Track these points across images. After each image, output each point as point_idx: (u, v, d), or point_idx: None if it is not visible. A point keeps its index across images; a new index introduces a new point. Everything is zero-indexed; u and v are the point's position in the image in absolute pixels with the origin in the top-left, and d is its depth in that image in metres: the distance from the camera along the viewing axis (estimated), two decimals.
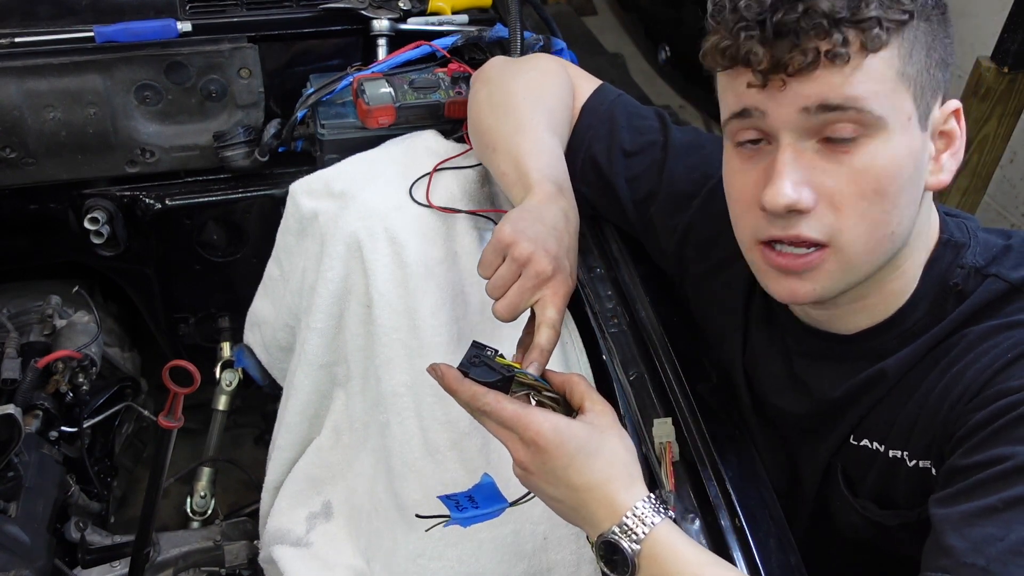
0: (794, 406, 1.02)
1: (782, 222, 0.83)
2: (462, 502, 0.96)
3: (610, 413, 0.92)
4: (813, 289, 0.86)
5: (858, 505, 0.98)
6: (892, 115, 0.80)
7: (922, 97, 0.82)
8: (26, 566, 1.25)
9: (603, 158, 1.18)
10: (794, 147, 0.82)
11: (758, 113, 0.83)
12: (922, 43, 0.81)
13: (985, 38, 2.10)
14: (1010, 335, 0.85)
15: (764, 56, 0.79)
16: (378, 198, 1.30)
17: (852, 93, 0.78)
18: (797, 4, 0.77)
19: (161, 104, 1.56)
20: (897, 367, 0.91)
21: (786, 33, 0.77)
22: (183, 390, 1.19)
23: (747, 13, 0.79)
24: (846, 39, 0.77)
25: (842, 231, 0.82)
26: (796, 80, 0.79)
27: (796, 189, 0.81)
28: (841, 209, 0.82)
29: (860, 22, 0.77)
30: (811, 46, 0.77)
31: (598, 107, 1.20)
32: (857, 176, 0.81)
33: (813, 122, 0.80)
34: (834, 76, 0.78)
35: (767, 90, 0.80)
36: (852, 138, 0.80)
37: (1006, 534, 0.73)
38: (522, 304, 0.99)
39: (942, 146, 0.87)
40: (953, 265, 0.90)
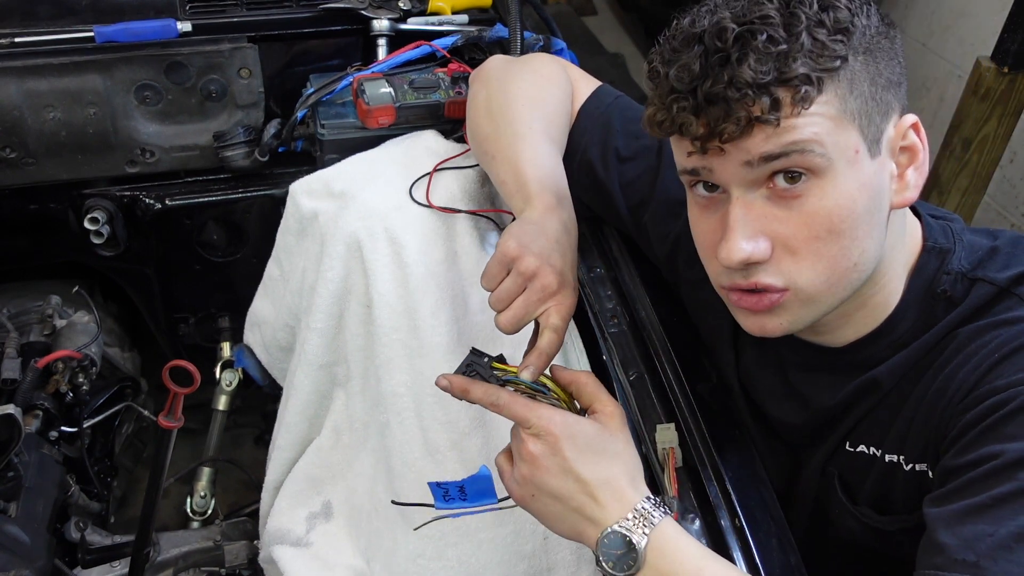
0: (790, 416, 1.02)
1: (741, 272, 0.85)
2: (452, 492, 0.96)
3: (620, 416, 0.92)
4: (780, 324, 0.88)
5: (857, 512, 0.98)
6: (837, 153, 0.80)
7: (870, 125, 0.82)
8: (26, 566, 1.25)
9: (598, 163, 1.17)
10: (744, 200, 0.83)
11: (705, 171, 0.84)
12: (863, 76, 0.81)
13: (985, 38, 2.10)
14: (998, 334, 0.85)
15: (698, 126, 0.80)
16: (378, 198, 1.30)
17: (789, 140, 0.79)
18: (723, 73, 0.77)
19: (161, 104, 1.56)
20: (890, 374, 0.92)
21: (716, 102, 0.78)
22: (183, 390, 1.19)
23: (677, 84, 0.80)
24: (776, 100, 0.77)
25: (800, 272, 0.84)
26: (731, 145, 0.80)
27: (750, 242, 0.82)
28: (797, 252, 0.83)
29: (788, 81, 0.77)
30: (741, 114, 0.78)
31: (595, 110, 1.20)
32: (809, 219, 0.82)
33: (759, 172, 0.81)
34: (770, 130, 0.79)
35: (707, 154, 0.82)
36: (799, 182, 0.81)
37: (996, 530, 0.73)
38: (527, 317, 0.99)
39: (905, 161, 0.87)
40: (939, 272, 0.90)
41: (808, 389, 0.99)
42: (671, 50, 0.82)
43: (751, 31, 0.77)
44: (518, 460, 0.91)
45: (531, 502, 0.91)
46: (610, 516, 0.85)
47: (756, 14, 0.78)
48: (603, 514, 0.86)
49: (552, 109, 1.18)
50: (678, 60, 0.80)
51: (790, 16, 0.78)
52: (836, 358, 0.96)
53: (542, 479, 0.88)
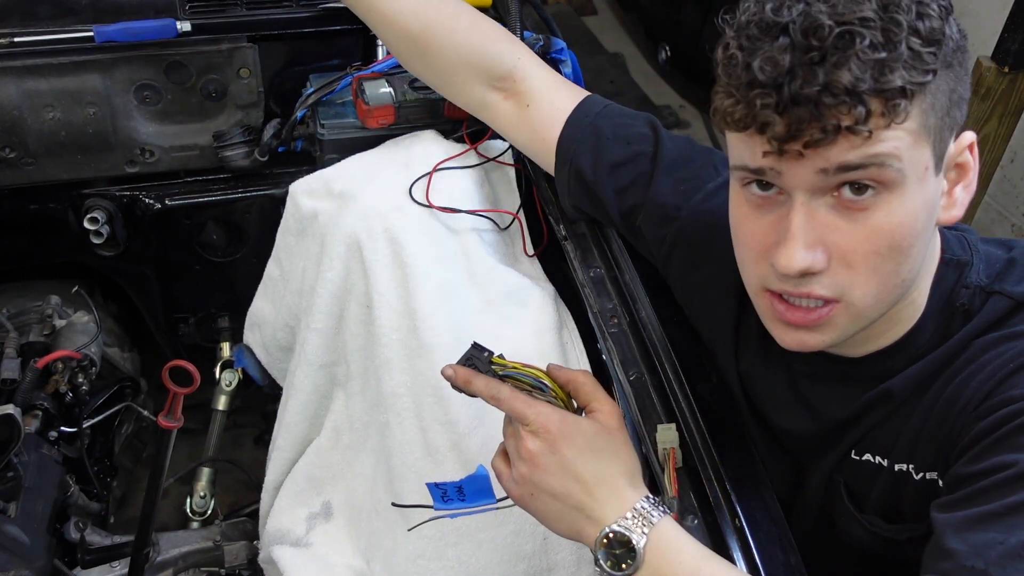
0: (796, 425, 1.01)
1: (794, 281, 0.81)
2: (450, 492, 0.96)
3: (618, 415, 0.92)
4: (822, 340, 0.85)
5: (864, 520, 0.97)
6: (911, 169, 0.77)
7: (940, 143, 0.79)
8: (26, 566, 1.24)
9: (588, 171, 1.16)
10: (808, 206, 0.79)
11: (773, 172, 0.79)
12: (944, 92, 0.77)
13: (985, 38, 2.10)
14: (1013, 345, 0.84)
15: (781, 126, 0.75)
16: (378, 198, 1.30)
17: (872, 152, 0.75)
18: (818, 72, 0.72)
19: (161, 104, 1.56)
20: (904, 386, 0.91)
21: (805, 103, 0.73)
22: (183, 390, 1.19)
23: (762, 76, 0.74)
24: (869, 111, 0.73)
25: (853, 287, 0.81)
26: (813, 149, 0.75)
27: (809, 252, 0.79)
28: (854, 266, 0.80)
29: (883, 92, 0.73)
30: (832, 121, 0.73)
31: (583, 120, 1.18)
32: (872, 235, 0.78)
33: (831, 181, 0.77)
34: (857, 140, 0.75)
35: (783, 157, 0.77)
36: (866, 194, 0.77)
37: (1006, 538, 0.73)
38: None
39: (955, 177, 0.84)
40: (958, 285, 0.89)
41: (818, 399, 0.98)
42: (748, 37, 0.76)
43: (851, 32, 0.72)
44: (516, 459, 0.90)
45: (530, 501, 0.90)
46: (609, 515, 0.85)
47: (856, 14, 0.72)
48: (602, 513, 0.85)
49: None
50: (761, 50, 0.74)
51: (890, 21, 0.73)
52: (851, 369, 0.94)
53: (541, 478, 0.88)
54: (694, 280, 1.10)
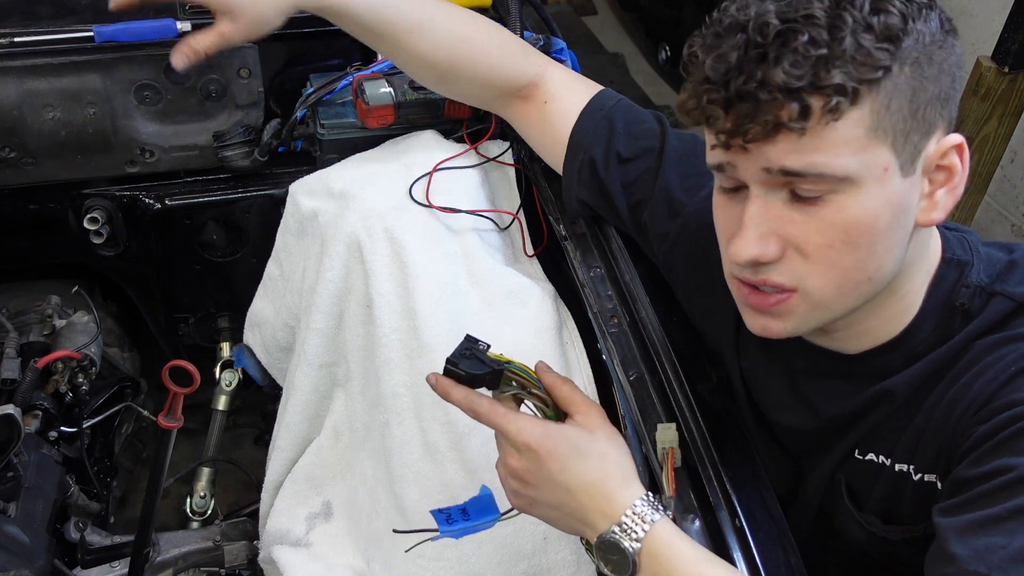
0: (797, 423, 1.01)
1: (750, 269, 0.84)
2: (454, 515, 0.96)
3: (597, 413, 0.92)
4: (784, 327, 0.87)
5: (863, 520, 0.97)
6: (862, 171, 0.78)
7: (906, 143, 0.79)
8: (26, 566, 1.24)
9: (600, 162, 1.17)
10: (763, 199, 0.81)
11: (729, 167, 0.83)
12: (905, 91, 0.77)
13: (985, 38, 2.10)
14: (1014, 347, 0.84)
15: (725, 120, 0.78)
16: (378, 198, 1.30)
17: (812, 160, 0.77)
18: (757, 71, 0.74)
19: (161, 104, 1.56)
20: (904, 386, 0.91)
21: (746, 99, 0.75)
22: (183, 390, 1.19)
23: (712, 73, 0.77)
24: (807, 108, 0.74)
25: (809, 277, 0.82)
26: (756, 145, 0.78)
27: (761, 243, 0.81)
28: (809, 257, 0.82)
29: (821, 89, 0.74)
30: (768, 117, 0.75)
31: (598, 111, 1.20)
32: (825, 228, 0.80)
33: (778, 179, 0.80)
34: (794, 142, 0.76)
35: (730, 151, 0.80)
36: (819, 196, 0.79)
37: (1009, 542, 0.73)
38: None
39: (941, 179, 0.83)
40: (958, 285, 0.89)
41: (817, 396, 0.98)
42: (713, 35, 0.79)
43: (793, 30, 0.74)
44: (506, 476, 0.91)
45: (530, 511, 0.92)
46: (601, 522, 0.85)
47: (801, 12, 0.74)
48: (595, 519, 0.85)
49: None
50: (717, 48, 0.77)
51: (836, 17, 0.74)
52: (849, 366, 0.95)
53: (532, 492, 0.89)
54: (697, 278, 1.10)
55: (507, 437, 0.89)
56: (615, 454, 0.89)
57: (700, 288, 1.10)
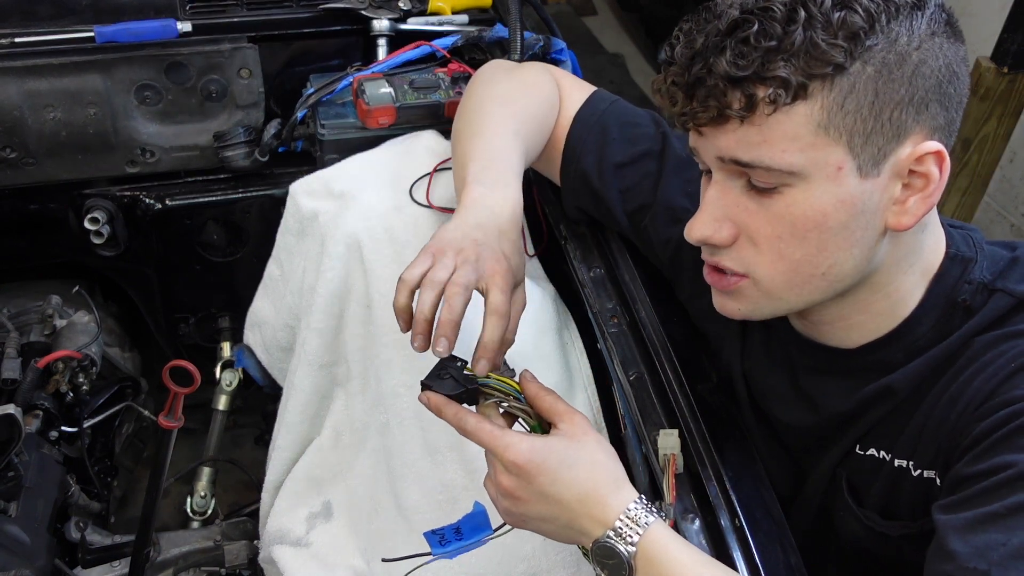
0: (799, 420, 1.02)
1: (707, 249, 0.88)
2: (447, 535, 0.96)
3: (582, 421, 0.91)
4: (739, 309, 0.91)
5: (862, 515, 0.98)
6: (810, 168, 0.79)
7: (865, 144, 0.78)
8: (26, 566, 1.25)
9: (593, 171, 1.16)
10: (722, 184, 0.85)
11: (695, 151, 0.87)
12: (865, 91, 0.77)
13: (985, 38, 2.10)
14: (1014, 344, 0.85)
15: (683, 103, 0.81)
16: (378, 198, 1.30)
17: (759, 154, 0.79)
18: (710, 59, 0.78)
19: (161, 104, 1.56)
20: (905, 381, 0.91)
21: (699, 85, 0.79)
22: (183, 390, 1.19)
23: (679, 58, 0.81)
24: (752, 97, 0.77)
25: (758, 266, 0.86)
26: (708, 131, 0.81)
27: (713, 225, 0.85)
28: (759, 245, 0.85)
29: (765, 80, 0.76)
30: (712, 103, 0.78)
31: (590, 117, 1.18)
32: (774, 219, 0.83)
33: (733, 168, 0.82)
34: (742, 132, 0.79)
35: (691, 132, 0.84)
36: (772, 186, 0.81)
37: (1008, 539, 0.73)
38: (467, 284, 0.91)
39: (920, 185, 0.82)
40: (961, 281, 0.90)
41: (819, 393, 0.99)
42: (703, 19, 0.81)
43: (746, 20, 0.77)
44: (497, 496, 0.90)
45: (524, 526, 0.91)
46: (595, 529, 0.85)
47: (761, 3, 0.77)
48: (590, 527, 0.85)
49: (522, 108, 1.16)
50: (693, 32, 0.81)
51: (793, 11, 0.75)
52: (848, 361, 0.95)
53: (524, 509, 0.88)
54: (700, 283, 1.10)
55: (495, 455, 0.88)
56: (604, 460, 0.88)
57: (705, 289, 1.10)
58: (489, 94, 1.19)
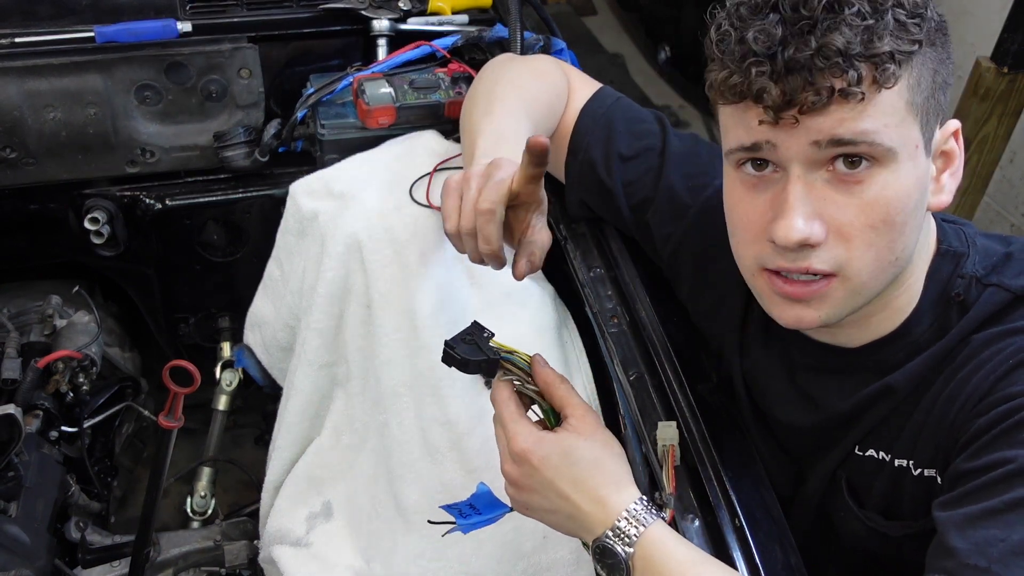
0: (799, 419, 1.02)
1: (792, 255, 0.82)
2: (464, 510, 0.97)
3: (592, 418, 0.92)
4: (819, 316, 0.86)
5: (863, 516, 0.98)
6: (902, 146, 0.79)
7: (927, 124, 0.81)
8: (26, 566, 1.25)
9: (600, 162, 1.17)
10: (804, 179, 0.81)
11: (768, 146, 0.81)
12: (929, 70, 0.80)
13: (985, 38, 2.10)
14: (1012, 341, 0.85)
15: (776, 93, 0.77)
16: (378, 198, 1.30)
17: (864, 127, 0.77)
18: (810, 39, 0.75)
19: (161, 104, 1.56)
20: (905, 381, 0.91)
21: (799, 69, 0.75)
22: (183, 390, 1.19)
23: (756, 46, 0.77)
24: (860, 76, 0.75)
25: (851, 261, 0.82)
26: (808, 116, 0.77)
27: (808, 224, 0.80)
28: (850, 240, 0.81)
29: (873, 57, 0.75)
30: (825, 84, 0.75)
31: (597, 111, 1.19)
32: (867, 207, 0.80)
33: (824, 154, 0.79)
34: (846, 111, 0.77)
35: (778, 125, 0.79)
36: (860, 167, 0.79)
37: (1008, 535, 0.73)
38: (499, 196, 0.95)
39: (941, 165, 0.87)
40: (953, 275, 0.90)
41: (818, 392, 0.99)
42: (739, 17, 0.79)
43: (840, 2, 0.76)
44: (505, 482, 0.92)
45: (529, 514, 0.93)
46: (596, 527, 0.85)
47: None
48: (591, 524, 0.86)
49: (533, 95, 1.17)
50: (754, 24, 0.77)
51: None
52: (849, 360, 0.95)
53: (528, 498, 0.90)
54: (702, 278, 1.10)
55: (504, 430, 0.91)
56: (609, 459, 0.89)
57: (705, 288, 1.10)
58: (501, 78, 1.20)
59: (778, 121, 0.79)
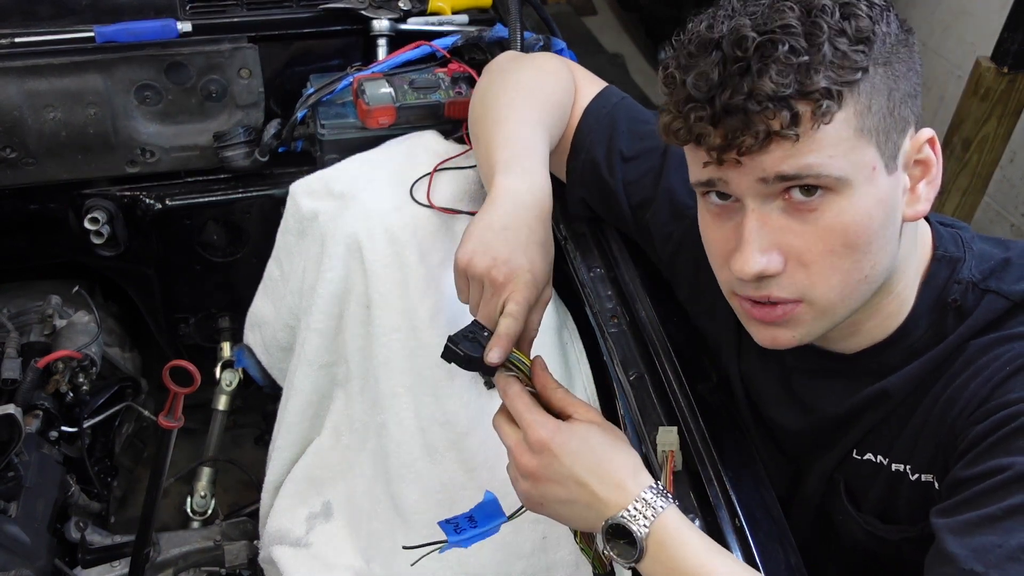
0: (794, 422, 1.02)
1: (753, 284, 0.84)
2: (461, 524, 0.97)
3: (597, 413, 0.93)
4: (793, 336, 0.87)
5: (861, 520, 0.98)
6: (854, 172, 0.79)
7: (887, 142, 0.81)
8: (26, 566, 1.25)
9: (603, 162, 1.17)
10: (759, 212, 0.82)
11: (721, 182, 0.83)
12: (882, 90, 0.79)
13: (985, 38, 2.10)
14: (1010, 347, 0.85)
15: (715, 136, 0.78)
16: (378, 198, 1.30)
17: (807, 162, 0.78)
18: (743, 84, 0.75)
19: (161, 104, 1.56)
20: (901, 385, 0.91)
21: (734, 112, 0.76)
22: (183, 390, 1.20)
23: (695, 92, 0.78)
24: (796, 115, 0.75)
25: (814, 286, 0.83)
26: (748, 157, 0.78)
27: (764, 255, 0.81)
28: (810, 266, 0.82)
29: (809, 94, 0.75)
30: (760, 127, 0.76)
31: (600, 110, 1.20)
32: (824, 234, 0.81)
33: (774, 188, 0.80)
34: (786, 149, 0.77)
35: (723, 166, 0.81)
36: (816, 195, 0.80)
37: (1005, 541, 0.73)
38: (494, 315, 0.98)
39: (918, 174, 0.86)
40: (950, 281, 0.90)
41: (811, 396, 0.99)
42: (687, 55, 0.80)
43: (772, 40, 0.75)
44: (518, 477, 0.91)
45: (541, 510, 0.92)
46: (612, 508, 0.85)
47: (777, 22, 0.76)
48: (606, 507, 0.86)
49: (544, 96, 1.17)
50: (695, 67, 0.78)
51: (812, 25, 0.76)
52: (845, 365, 0.95)
53: (545, 490, 0.89)
54: (700, 279, 1.10)
55: (521, 424, 0.90)
56: (622, 447, 0.90)
57: (703, 290, 1.10)
58: (510, 82, 1.19)
59: (721, 163, 0.80)
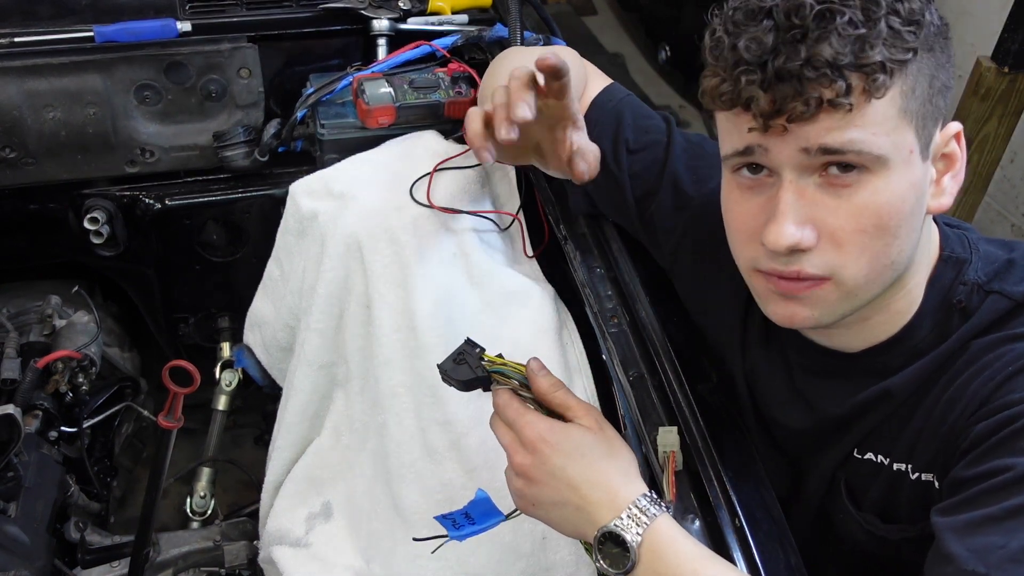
0: (796, 421, 1.02)
1: (784, 259, 0.83)
2: (458, 520, 0.97)
3: (597, 415, 0.92)
4: (812, 315, 0.86)
5: (862, 519, 0.98)
6: (893, 152, 0.79)
7: (924, 128, 0.81)
8: (26, 566, 1.25)
9: (609, 154, 1.17)
10: (796, 184, 0.81)
11: (760, 150, 0.82)
12: (925, 75, 0.80)
13: (985, 38, 2.10)
14: (1012, 347, 0.85)
15: (765, 101, 0.78)
16: (378, 198, 1.30)
17: (852, 136, 0.77)
18: (800, 49, 0.75)
19: (161, 104, 1.56)
20: (903, 385, 0.91)
21: (788, 79, 0.76)
22: (183, 390, 1.19)
23: (747, 55, 0.77)
24: (849, 86, 0.76)
25: (844, 266, 0.82)
26: (796, 125, 0.78)
27: (798, 229, 0.81)
28: (842, 245, 0.82)
29: (864, 67, 0.75)
30: (813, 94, 0.76)
31: (607, 103, 1.20)
32: (858, 213, 0.80)
33: (815, 161, 0.80)
34: (835, 120, 0.77)
35: (767, 132, 0.80)
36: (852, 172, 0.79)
37: (1007, 542, 0.73)
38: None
39: (943, 168, 0.86)
40: (955, 282, 0.90)
41: (814, 394, 0.99)
42: (734, 23, 0.79)
43: (831, 10, 0.75)
44: (511, 476, 0.92)
45: (534, 512, 0.92)
46: (604, 516, 0.85)
47: None
48: (598, 514, 0.86)
49: None
50: (747, 31, 0.78)
51: (868, 0, 0.76)
52: (848, 364, 0.95)
53: (537, 491, 0.89)
54: (703, 272, 1.10)
55: (514, 427, 0.90)
56: (618, 452, 0.90)
57: (706, 283, 1.10)
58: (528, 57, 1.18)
59: (767, 129, 0.79)
